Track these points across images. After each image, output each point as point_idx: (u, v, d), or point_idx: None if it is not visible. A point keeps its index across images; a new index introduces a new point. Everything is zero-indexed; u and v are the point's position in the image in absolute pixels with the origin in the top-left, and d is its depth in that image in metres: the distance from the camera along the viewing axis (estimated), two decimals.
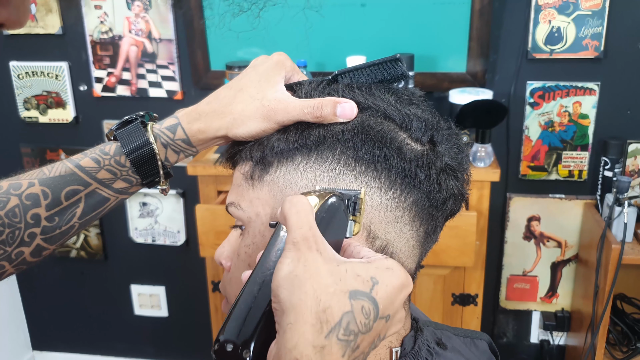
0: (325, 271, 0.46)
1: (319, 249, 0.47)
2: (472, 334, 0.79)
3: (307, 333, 0.43)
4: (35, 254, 0.66)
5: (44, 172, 0.65)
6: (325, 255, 0.47)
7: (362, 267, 0.47)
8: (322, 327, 0.43)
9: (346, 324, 0.44)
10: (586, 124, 1.97)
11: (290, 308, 0.44)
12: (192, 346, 2.52)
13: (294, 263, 0.46)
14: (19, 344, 2.61)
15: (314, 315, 0.43)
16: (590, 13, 1.86)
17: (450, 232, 1.66)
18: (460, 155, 0.63)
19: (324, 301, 0.44)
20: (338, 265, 0.47)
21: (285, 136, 0.61)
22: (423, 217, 0.61)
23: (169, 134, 0.66)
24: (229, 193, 0.65)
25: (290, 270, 0.45)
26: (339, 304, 0.44)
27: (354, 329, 0.44)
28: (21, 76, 2.22)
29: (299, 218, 0.48)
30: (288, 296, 0.44)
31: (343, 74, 0.65)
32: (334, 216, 0.51)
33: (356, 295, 0.45)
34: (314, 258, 0.46)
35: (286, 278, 0.45)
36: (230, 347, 0.46)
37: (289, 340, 0.43)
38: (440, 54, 1.96)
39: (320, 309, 0.43)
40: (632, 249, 1.78)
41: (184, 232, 2.32)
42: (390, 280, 0.48)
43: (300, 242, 0.47)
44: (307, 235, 0.47)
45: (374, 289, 0.46)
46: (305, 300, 0.44)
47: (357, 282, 0.46)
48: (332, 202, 0.52)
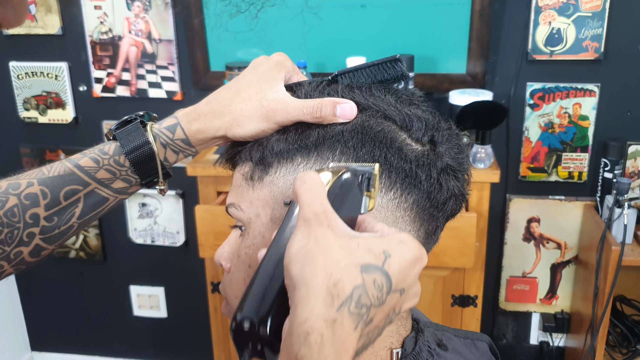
0: (337, 246, 0.46)
1: (330, 224, 0.47)
2: (472, 335, 0.79)
3: (317, 307, 0.43)
4: (34, 254, 0.66)
5: (43, 172, 0.65)
6: (336, 230, 0.47)
7: (375, 241, 0.47)
8: (333, 301, 0.43)
9: (357, 297, 0.44)
10: (586, 125, 1.97)
11: (302, 283, 0.44)
12: (191, 347, 2.52)
13: (305, 239, 0.46)
14: (17, 344, 2.61)
15: (324, 289, 0.43)
16: (590, 14, 1.86)
17: (450, 234, 1.65)
18: (461, 155, 0.63)
19: (334, 275, 0.44)
20: (350, 239, 0.47)
21: (284, 137, 0.61)
22: (424, 217, 0.61)
23: (168, 134, 0.66)
24: (228, 194, 0.65)
25: (301, 246, 0.46)
26: (350, 278, 0.44)
27: (365, 302, 0.44)
28: (21, 76, 2.22)
29: (310, 195, 0.48)
30: (299, 271, 0.44)
31: (343, 74, 0.65)
32: (348, 192, 0.51)
33: (368, 269, 0.45)
34: (324, 233, 0.46)
35: (297, 254, 0.45)
36: (248, 325, 0.46)
37: (300, 314, 0.43)
38: (440, 55, 1.96)
39: (331, 283, 0.43)
40: (632, 250, 1.78)
41: (183, 233, 2.32)
42: (404, 254, 0.47)
43: (311, 219, 0.47)
44: (317, 211, 0.47)
45: (387, 262, 0.46)
46: (316, 274, 0.44)
47: (369, 255, 0.46)
48: (346, 178, 0.51)
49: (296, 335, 0.43)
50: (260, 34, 1.98)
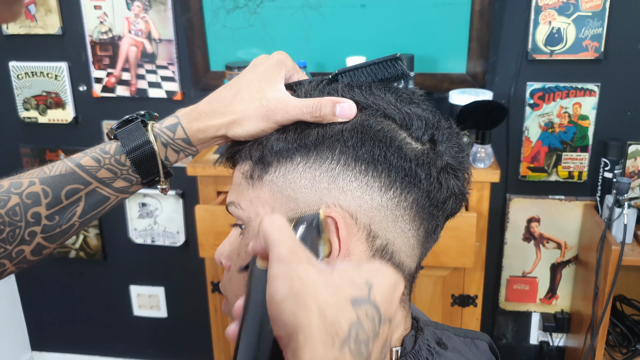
0: (322, 283, 0.44)
1: (308, 259, 0.45)
2: (472, 334, 0.79)
3: (319, 350, 0.42)
4: (36, 253, 0.66)
5: (44, 171, 0.65)
6: (315, 266, 0.46)
7: (354, 272, 0.46)
8: (334, 341, 0.42)
9: (355, 334, 0.43)
10: (586, 125, 1.97)
11: (298, 329, 0.42)
12: (191, 347, 2.52)
13: (287, 281, 0.43)
14: (17, 344, 2.61)
15: (322, 331, 0.42)
16: (590, 14, 1.86)
17: (450, 233, 1.65)
18: (461, 154, 0.63)
19: (330, 314, 0.43)
20: (331, 274, 0.45)
21: (284, 136, 0.61)
22: (423, 216, 0.61)
23: (169, 133, 0.66)
24: (229, 192, 0.65)
25: (286, 288, 0.43)
26: (345, 315, 0.43)
27: (363, 338, 0.44)
28: (20, 76, 2.22)
29: (280, 232, 0.46)
30: (291, 318, 0.43)
31: (343, 73, 0.65)
32: (307, 241, 0.50)
33: (358, 302, 0.44)
34: (306, 270, 0.44)
35: (284, 300, 0.43)
36: None
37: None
38: (440, 55, 1.96)
39: (328, 322, 0.42)
40: (632, 250, 1.78)
41: (183, 233, 2.32)
42: (383, 281, 0.47)
43: (288, 256, 0.45)
44: (292, 247, 0.45)
45: (371, 292, 0.45)
46: (311, 317, 0.42)
47: (354, 288, 0.45)
48: (304, 226, 0.51)
49: None
50: (262, 33, 1.98)
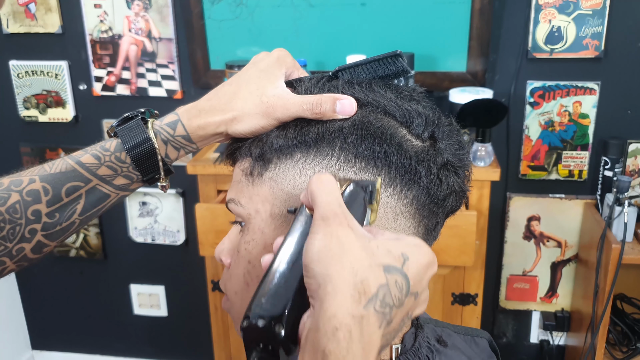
0: (359, 246, 0.46)
1: (350, 224, 0.47)
2: (472, 331, 0.79)
3: (346, 303, 0.43)
4: (36, 250, 0.66)
5: (44, 168, 0.65)
6: (356, 231, 0.47)
7: (392, 244, 0.48)
8: (360, 298, 0.43)
9: (382, 296, 0.45)
10: (586, 123, 1.97)
11: (328, 279, 0.44)
12: (191, 346, 2.52)
13: (327, 238, 0.46)
14: (18, 343, 2.61)
15: (351, 286, 0.44)
16: (590, 12, 1.86)
17: (450, 232, 1.66)
18: (461, 151, 0.63)
19: (360, 273, 0.44)
20: (369, 241, 0.47)
21: (284, 133, 0.61)
22: (423, 213, 0.61)
23: (169, 130, 0.66)
24: (229, 189, 0.65)
25: (324, 245, 0.46)
26: (376, 277, 0.45)
27: (389, 302, 0.45)
28: (21, 75, 2.22)
29: (328, 194, 0.48)
30: (324, 269, 0.44)
31: (343, 70, 0.65)
32: (354, 203, 0.51)
33: (390, 269, 0.46)
34: (346, 233, 0.46)
35: (320, 252, 0.45)
36: (262, 323, 0.45)
37: (328, 309, 0.43)
38: (441, 54, 1.96)
39: (358, 280, 0.44)
40: (632, 248, 1.78)
41: (183, 232, 2.32)
42: (420, 257, 0.48)
43: (331, 218, 0.47)
44: (337, 211, 0.47)
45: (405, 264, 0.47)
46: (342, 272, 0.44)
47: (389, 257, 0.47)
48: (352, 189, 0.52)
49: (323, 331, 0.43)
50: (260, 31, 1.98)
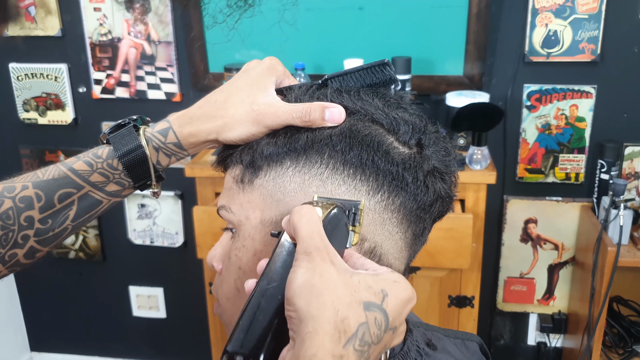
0: (341, 282, 0.47)
1: (332, 259, 0.48)
2: (462, 335, 0.79)
3: (326, 342, 0.44)
4: (29, 256, 0.67)
5: (37, 175, 0.66)
6: (338, 266, 0.48)
7: (372, 279, 0.49)
8: (340, 337, 0.44)
9: (362, 334, 0.45)
10: (583, 126, 1.98)
11: (309, 317, 0.44)
12: (190, 347, 2.53)
13: (309, 273, 0.46)
14: (17, 344, 2.62)
15: (332, 325, 0.44)
16: (586, 17, 1.87)
17: (447, 234, 1.66)
18: (448, 158, 0.64)
19: (341, 312, 0.45)
20: (351, 276, 0.48)
21: (274, 140, 0.61)
22: (411, 219, 0.62)
23: (160, 137, 0.67)
24: (220, 196, 0.66)
25: (306, 279, 0.46)
26: (356, 315, 0.45)
27: (367, 340, 0.46)
28: (20, 78, 2.23)
29: (309, 228, 0.49)
30: (305, 305, 0.45)
31: (333, 78, 0.66)
32: (337, 227, 0.52)
33: (370, 306, 0.47)
34: (328, 269, 0.47)
35: (303, 287, 0.46)
36: (240, 359, 0.46)
37: (309, 348, 0.44)
38: (438, 57, 1.97)
39: (339, 319, 0.45)
40: (628, 251, 1.78)
41: (182, 234, 2.33)
42: (399, 293, 0.49)
43: (313, 252, 0.48)
44: (319, 245, 0.48)
45: (385, 301, 0.48)
46: (324, 310, 0.44)
47: (370, 293, 0.47)
48: (335, 213, 0.52)
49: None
50: (260, 35, 1.99)
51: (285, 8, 1.24)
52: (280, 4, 1.27)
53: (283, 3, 1.14)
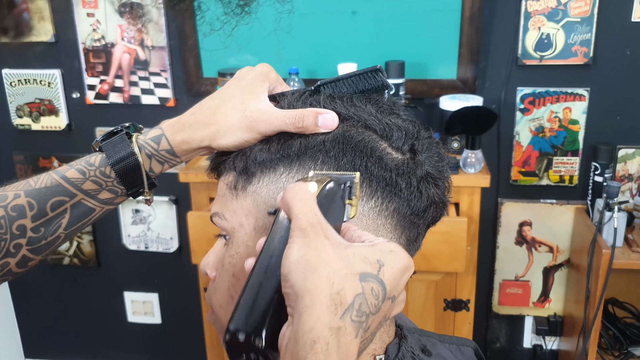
0: (335, 256, 0.47)
1: (326, 234, 0.48)
2: (457, 340, 0.79)
3: (323, 315, 0.44)
4: (21, 265, 0.66)
5: (29, 183, 0.66)
6: (332, 240, 0.48)
7: (368, 250, 0.49)
8: (337, 309, 0.44)
9: (358, 305, 0.46)
10: (576, 129, 1.99)
11: (305, 291, 0.45)
12: (185, 353, 2.52)
13: (304, 248, 0.47)
14: (11, 351, 2.60)
15: (328, 297, 0.45)
16: (579, 20, 1.87)
17: (441, 238, 1.66)
18: (441, 163, 0.64)
19: (337, 284, 0.45)
20: (346, 249, 0.48)
21: (267, 147, 0.61)
22: (405, 225, 0.62)
23: (153, 144, 0.66)
24: (213, 203, 0.65)
25: (301, 255, 0.47)
26: (351, 286, 0.46)
27: (365, 310, 0.46)
28: (13, 84, 2.23)
29: (303, 205, 0.49)
30: (301, 280, 0.45)
31: (325, 84, 0.66)
32: (332, 201, 0.52)
33: (365, 277, 0.47)
34: (322, 243, 0.47)
35: (298, 263, 0.46)
36: (243, 336, 0.47)
37: (306, 322, 0.44)
38: (431, 61, 1.97)
39: (334, 291, 0.45)
40: (623, 253, 1.79)
41: (176, 239, 2.32)
42: (395, 262, 0.49)
43: (307, 229, 0.48)
44: (313, 221, 0.48)
45: (381, 270, 0.48)
46: (320, 283, 0.45)
47: (365, 264, 0.47)
48: (330, 187, 0.53)
49: (302, 344, 0.44)
50: (255, 40, 1.98)
51: (281, 16, 1.25)
52: (276, 11, 1.27)
53: (280, 11, 1.14)
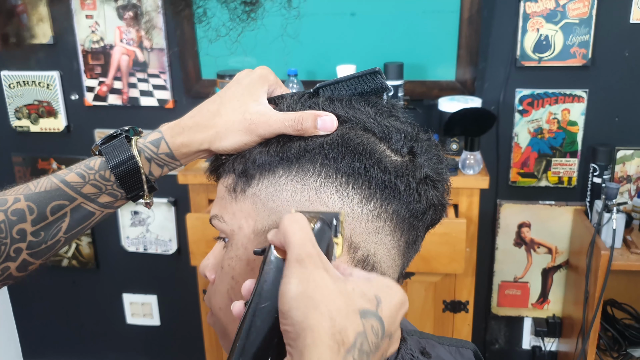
0: (336, 291, 0.46)
1: (325, 267, 0.47)
2: (457, 342, 0.79)
3: (325, 355, 0.43)
4: (22, 269, 0.66)
5: (29, 187, 0.66)
6: (331, 273, 0.47)
7: (366, 285, 0.48)
8: (339, 349, 0.43)
9: (360, 344, 0.45)
10: (575, 130, 1.99)
11: (307, 329, 0.44)
12: (184, 355, 2.52)
13: (303, 283, 0.45)
14: (9, 353, 2.60)
15: (330, 336, 0.43)
16: (577, 21, 1.88)
17: (440, 239, 1.66)
18: (440, 165, 0.64)
19: (339, 322, 0.44)
20: (345, 283, 0.47)
21: (266, 149, 0.61)
22: (404, 227, 0.62)
23: (152, 148, 0.66)
24: (212, 205, 0.65)
25: (301, 290, 0.45)
26: (353, 325, 0.45)
27: (366, 349, 0.45)
28: (12, 85, 2.22)
29: (302, 235, 0.47)
30: (302, 317, 0.44)
31: (324, 86, 0.66)
32: (322, 240, 0.51)
33: (366, 314, 0.46)
34: (322, 277, 0.46)
35: (298, 299, 0.45)
36: None
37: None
38: (430, 62, 1.98)
39: (337, 330, 0.44)
40: (621, 254, 1.79)
41: (175, 241, 2.32)
42: (392, 298, 0.49)
43: (305, 260, 0.46)
44: (311, 252, 0.47)
45: (379, 307, 0.47)
46: (321, 321, 0.44)
47: (364, 300, 0.47)
48: (320, 226, 0.51)
49: None
50: (253, 42, 1.99)
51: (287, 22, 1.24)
52: (282, 17, 1.27)
53: (286, 17, 1.14)
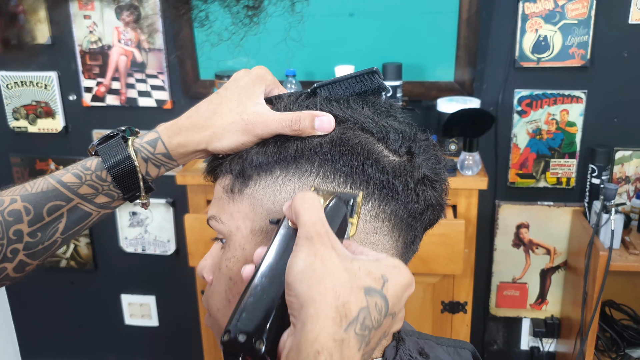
0: (342, 267, 0.47)
1: (333, 245, 0.48)
2: (455, 343, 0.79)
3: (327, 326, 0.44)
4: (19, 270, 0.66)
5: (26, 188, 0.66)
6: (339, 251, 0.48)
7: (373, 265, 0.49)
8: (342, 321, 0.45)
9: (363, 319, 0.46)
10: (573, 131, 1.99)
11: (310, 301, 0.45)
12: (182, 356, 2.52)
13: (310, 258, 0.47)
14: (7, 354, 2.60)
15: (333, 309, 0.45)
16: (576, 22, 1.88)
17: (439, 240, 1.66)
18: (438, 165, 0.64)
19: (342, 296, 0.45)
20: (351, 262, 0.48)
21: (264, 149, 0.61)
22: (402, 227, 0.62)
23: (149, 148, 0.66)
24: (210, 206, 0.65)
25: (307, 264, 0.47)
26: (357, 300, 0.46)
27: (368, 324, 0.46)
28: (10, 86, 2.22)
29: (311, 214, 0.49)
30: (307, 290, 0.45)
31: (322, 86, 0.65)
32: (336, 217, 0.52)
33: (370, 291, 0.47)
34: (329, 254, 0.47)
35: (303, 272, 0.46)
36: (243, 338, 0.46)
37: (310, 332, 0.44)
38: (429, 63, 1.97)
39: (340, 303, 0.45)
40: (620, 255, 1.79)
41: (174, 242, 2.32)
42: (399, 279, 0.49)
43: (314, 238, 0.48)
44: (320, 231, 0.48)
45: (385, 286, 0.48)
46: (325, 294, 0.45)
47: (370, 279, 0.48)
48: (335, 203, 0.53)
49: (305, 353, 0.44)
50: (251, 43, 1.98)
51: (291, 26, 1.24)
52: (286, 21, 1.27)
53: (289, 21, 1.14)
